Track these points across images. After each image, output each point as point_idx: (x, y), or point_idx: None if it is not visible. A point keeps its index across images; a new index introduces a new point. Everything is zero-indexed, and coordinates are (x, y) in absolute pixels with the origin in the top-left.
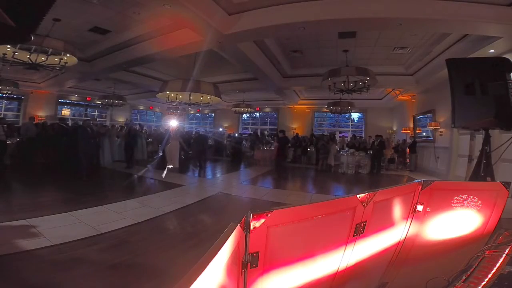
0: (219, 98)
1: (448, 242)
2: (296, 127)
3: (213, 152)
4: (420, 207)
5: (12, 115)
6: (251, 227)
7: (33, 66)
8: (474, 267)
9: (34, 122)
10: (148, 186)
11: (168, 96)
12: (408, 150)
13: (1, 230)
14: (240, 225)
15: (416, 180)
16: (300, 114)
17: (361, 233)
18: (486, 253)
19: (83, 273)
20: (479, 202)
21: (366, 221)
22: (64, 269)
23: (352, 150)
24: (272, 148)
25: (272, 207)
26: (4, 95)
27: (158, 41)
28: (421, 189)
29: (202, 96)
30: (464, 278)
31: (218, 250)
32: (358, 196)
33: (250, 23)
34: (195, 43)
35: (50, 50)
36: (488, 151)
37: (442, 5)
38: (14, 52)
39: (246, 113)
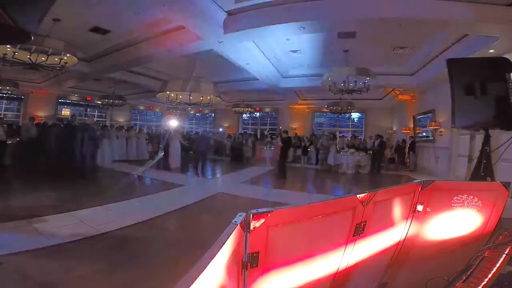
0: (219, 98)
1: (448, 242)
2: (296, 127)
3: (213, 152)
4: (420, 207)
5: (12, 115)
6: (251, 227)
7: (33, 66)
8: (474, 267)
9: (35, 122)
10: (148, 186)
11: (168, 96)
12: (407, 150)
13: (1, 230)
14: (240, 225)
15: (416, 180)
16: (300, 114)
17: (361, 233)
18: (486, 253)
19: (83, 273)
20: (479, 202)
21: (366, 221)
22: (64, 269)
23: (352, 150)
24: (272, 148)
25: (272, 207)
26: (4, 95)
27: (158, 41)
28: (421, 189)
29: (202, 96)
30: (464, 278)
31: (218, 250)
32: (358, 196)
33: (250, 23)
34: (195, 43)
35: (50, 50)
36: (488, 151)
37: (442, 5)
38: (14, 52)
39: (246, 113)
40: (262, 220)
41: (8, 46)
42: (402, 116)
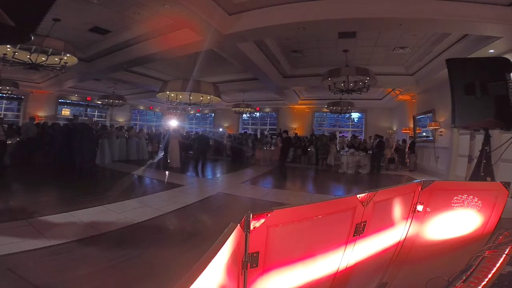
0: (219, 98)
1: (448, 242)
2: (296, 127)
3: (213, 152)
4: (420, 207)
5: (12, 115)
6: (251, 227)
7: (33, 66)
8: (474, 267)
9: (35, 122)
10: (148, 186)
11: (168, 96)
12: (407, 150)
13: (1, 230)
14: (240, 225)
15: (416, 180)
16: (300, 114)
17: (361, 233)
18: (486, 253)
19: (83, 274)
20: (479, 202)
21: (366, 221)
22: (63, 269)
23: (352, 150)
24: (273, 148)
25: (272, 207)
26: (4, 95)
27: (158, 41)
28: (421, 189)
29: (202, 96)
30: (464, 278)
31: (218, 250)
32: (358, 196)
33: (250, 23)
34: (195, 43)
35: (50, 50)
36: (488, 151)
37: (442, 5)
38: (14, 52)
39: (246, 113)
40: (262, 220)
41: (8, 46)
42: (402, 116)
